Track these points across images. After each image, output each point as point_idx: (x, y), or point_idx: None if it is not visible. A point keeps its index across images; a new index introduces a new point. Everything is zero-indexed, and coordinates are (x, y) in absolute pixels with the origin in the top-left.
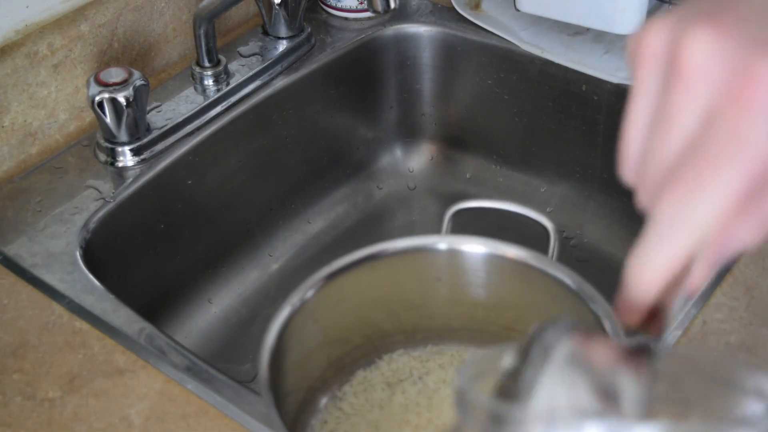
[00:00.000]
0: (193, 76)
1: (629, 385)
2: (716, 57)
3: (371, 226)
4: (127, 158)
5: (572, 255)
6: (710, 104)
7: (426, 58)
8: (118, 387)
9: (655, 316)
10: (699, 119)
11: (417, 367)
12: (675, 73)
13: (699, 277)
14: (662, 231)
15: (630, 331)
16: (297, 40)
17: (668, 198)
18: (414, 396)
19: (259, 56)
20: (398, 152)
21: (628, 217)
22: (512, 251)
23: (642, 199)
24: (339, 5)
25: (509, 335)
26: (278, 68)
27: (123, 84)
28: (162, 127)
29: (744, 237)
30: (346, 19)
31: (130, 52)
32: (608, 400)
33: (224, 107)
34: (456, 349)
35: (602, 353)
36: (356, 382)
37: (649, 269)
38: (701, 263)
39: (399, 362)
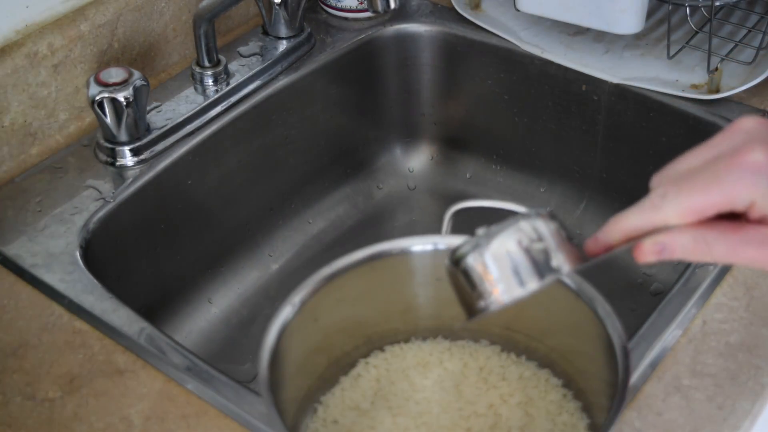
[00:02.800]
0: (193, 76)
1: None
2: (749, 131)
3: (371, 226)
4: (127, 158)
5: None
6: (724, 152)
7: (426, 58)
8: (118, 387)
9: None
10: (713, 156)
11: (417, 367)
12: (727, 128)
13: (645, 249)
14: (643, 205)
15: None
16: (297, 40)
17: (660, 190)
18: (415, 394)
19: (259, 56)
20: (398, 152)
21: None
22: None
23: (653, 184)
24: (339, 5)
25: (509, 335)
26: (278, 68)
27: (123, 84)
28: (162, 127)
29: (685, 248)
30: (346, 19)
31: (130, 52)
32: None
33: (224, 107)
34: (456, 348)
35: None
36: (356, 381)
37: (621, 224)
38: (652, 241)
39: (399, 362)
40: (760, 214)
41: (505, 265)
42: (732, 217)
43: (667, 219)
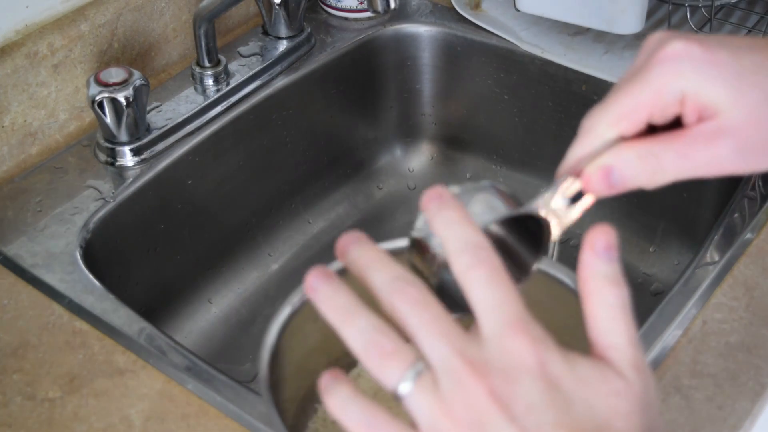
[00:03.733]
0: (193, 76)
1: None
2: (661, 38)
3: (371, 226)
4: (127, 158)
5: (572, 255)
6: (638, 65)
7: (426, 58)
8: (118, 387)
9: None
10: (631, 74)
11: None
12: (639, 52)
13: (591, 177)
14: (579, 136)
15: None
16: (297, 40)
17: (587, 115)
18: None
19: (259, 56)
20: (398, 152)
21: (628, 217)
22: None
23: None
24: (339, 5)
25: None
26: (278, 68)
27: (123, 84)
28: (162, 127)
29: (637, 176)
30: (346, 19)
31: (130, 52)
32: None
33: (224, 107)
34: None
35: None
36: (356, 381)
37: (566, 162)
38: (596, 166)
39: None
40: (696, 108)
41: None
42: (671, 129)
43: (601, 134)
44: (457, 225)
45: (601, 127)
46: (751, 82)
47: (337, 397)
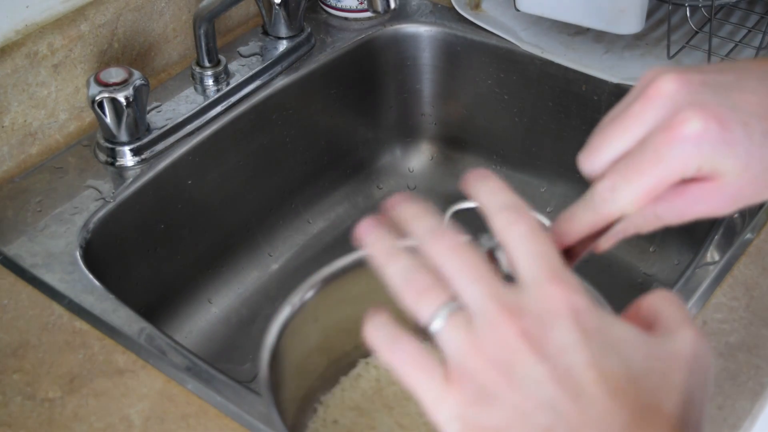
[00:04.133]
0: (193, 76)
1: None
2: (672, 96)
3: None
4: (127, 158)
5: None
6: (653, 125)
7: (426, 58)
8: (118, 387)
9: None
10: (644, 132)
11: None
12: (645, 94)
13: (605, 243)
14: (594, 201)
15: None
16: (297, 40)
17: (606, 182)
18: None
19: (259, 56)
20: (398, 152)
21: None
22: None
23: (586, 168)
24: (339, 5)
25: None
26: (278, 68)
27: (123, 84)
28: (162, 127)
29: (638, 226)
30: (346, 19)
31: (130, 52)
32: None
33: (224, 107)
34: None
35: None
36: (356, 381)
37: (575, 224)
38: (611, 233)
39: None
40: (705, 173)
41: None
42: None
43: (622, 210)
44: (498, 191)
45: (622, 204)
46: (759, 156)
47: (371, 324)
